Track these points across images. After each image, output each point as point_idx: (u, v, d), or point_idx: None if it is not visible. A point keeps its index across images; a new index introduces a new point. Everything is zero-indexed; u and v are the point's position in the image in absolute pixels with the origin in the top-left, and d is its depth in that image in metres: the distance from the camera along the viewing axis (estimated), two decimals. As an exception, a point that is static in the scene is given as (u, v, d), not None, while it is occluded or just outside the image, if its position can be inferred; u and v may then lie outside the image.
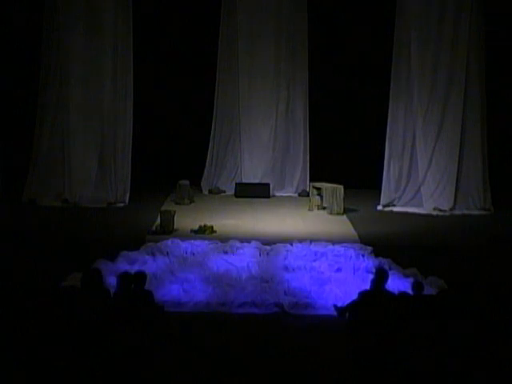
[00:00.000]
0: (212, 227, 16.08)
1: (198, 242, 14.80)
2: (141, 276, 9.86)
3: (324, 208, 18.45)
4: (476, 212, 18.67)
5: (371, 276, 10.38)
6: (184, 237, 15.32)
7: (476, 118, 18.74)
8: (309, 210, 18.66)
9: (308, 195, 19.33)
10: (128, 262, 13.68)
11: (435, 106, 18.73)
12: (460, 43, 18.49)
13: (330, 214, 18.14)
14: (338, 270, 13.64)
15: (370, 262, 13.84)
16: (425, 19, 18.51)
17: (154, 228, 16.02)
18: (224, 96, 20.69)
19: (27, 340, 8.66)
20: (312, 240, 15.09)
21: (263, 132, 20.75)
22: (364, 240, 15.44)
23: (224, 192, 20.63)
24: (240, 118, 20.69)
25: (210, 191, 20.72)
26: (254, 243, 14.83)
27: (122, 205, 18.88)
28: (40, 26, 18.84)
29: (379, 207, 18.90)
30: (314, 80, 20.50)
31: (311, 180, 20.13)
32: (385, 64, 19.16)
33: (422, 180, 18.89)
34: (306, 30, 20.30)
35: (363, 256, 14.19)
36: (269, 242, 14.98)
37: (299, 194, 20.62)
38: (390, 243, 15.31)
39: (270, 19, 20.33)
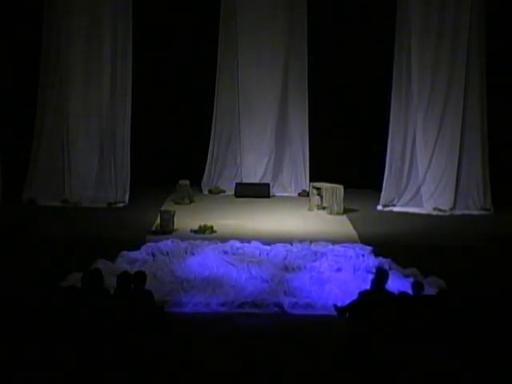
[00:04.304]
0: (212, 227, 16.08)
1: (197, 242, 14.81)
2: (141, 276, 9.87)
3: (324, 208, 18.45)
4: (476, 212, 18.67)
5: (371, 276, 10.39)
6: (184, 237, 15.33)
7: (476, 118, 18.73)
8: (309, 210, 18.65)
9: (308, 195, 19.33)
10: (128, 262, 13.68)
11: (435, 106, 18.72)
12: (460, 43, 18.47)
13: (330, 213, 18.13)
14: (338, 270, 13.63)
15: (370, 262, 13.84)
16: (425, 21, 18.51)
17: (153, 228, 16.02)
18: (224, 96, 20.68)
19: (27, 340, 8.66)
20: (312, 240, 15.10)
21: (263, 132, 20.75)
22: (364, 240, 15.44)
23: (224, 192, 20.63)
24: (240, 118, 20.69)
25: (210, 191, 20.71)
26: (253, 243, 14.83)
27: (121, 205, 18.87)
28: (40, 26, 18.84)
29: (379, 207, 18.89)
30: (314, 80, 20.49)
31: (311, 180, 20.12)
32: (385, 64, 19.17)
33: (422, 180, 18.88)
34: (306, 28, 20.27)
35: (363, 256, 14.19)
36: (269, 242, 14.98)
37: (299, 194, 20.61)
38: (390, 243, 15.30)
39: (270, 19, 20.32)
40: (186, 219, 16.88)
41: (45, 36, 18.85)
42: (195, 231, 15.90)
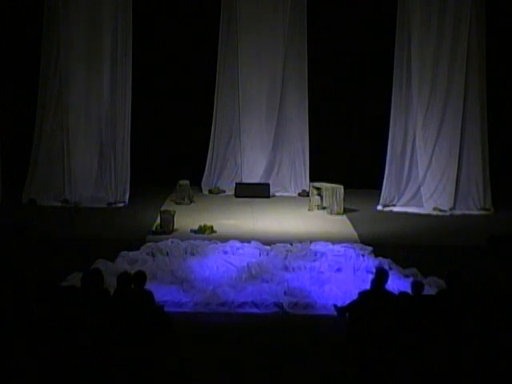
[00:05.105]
0: (212, 227, 16.08)
1: (197, 242, 14.81)
2: (141, 276, 9.87)
3: (324, 208, 18.45)
4: (476, 212, 18.67)
5: (371, 276, 10.39)
6: (184, 237, 15.33)
7: (476, 118, 18.73)
8: (309, 210, 18.65)
9: (308, 195, 19.33)
10: (128, 262, 13.69)
11: (435, 106, 18.73)
12: (460, 42, 18.47)
13: (330, 214, 18.13)
14: (338, 270, 13.64)
15: (369, 262, 13.85)
16: (425, 19, 18.51)
17: (153, 228, 16.02)
18: (224, 96, 20.68)
19: (27, 340, 8.65)
20: (312, 240, 15.10)
21: (263, 132, 20.74)
22: (364, 240, 15.45)
23: (224, 192, 20.62)
24: (240, 118, 20.68)
25: (210, 191, 20.71)
26: (253, 243, 14.83)
27: (121, 205, 18.87)
28: (40, 26, 18.85)
29: (379, 207, 18.89)
30: (314, 81, 20.48)
31: (311, 180, 20.11)
32: (386, 64, 19.17)
33: (422, 180, 18.89)
34: (305, 31, 20.26)
35: (363, 256, 14.20)
36: (269, 242, 14.98)
37: (299, 194, 20.60)
38: (390, 243, 15.31)
39: (270, 18, 20.31)
40: (186, 219, 16.89)
41: (45, 36, 18.85)
42: (195, 231, 15.90)
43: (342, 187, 18.36)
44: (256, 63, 20.49)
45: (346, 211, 18.21)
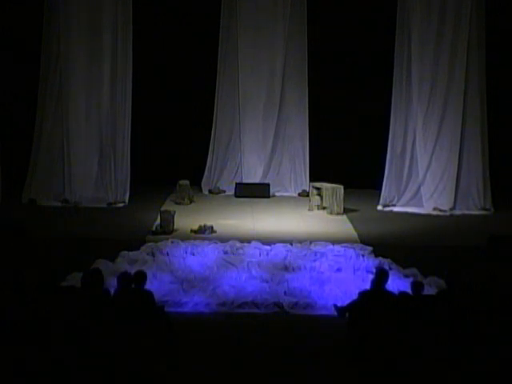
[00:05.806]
0: (212, 227, 16.08)
1: (197, 242, 14.81)
2: (141, 276, 9.89)
3: (324, 208, 18.45)
4: (476, 212, 18.67)
5: (371, 276, 10.41)
6: (184, 237, 15.33)
7: (476, 118, 18.73)
8: (309, 210, 18.65)
9: (308, 195, 19.33)
10: (128, 262, 13.69)
11: (435, 106, 18.72)
12: (460, 43, 18.47)
13: (330, 214, 18.13)
14: (338, 270, 13.64)
15: (369, 262, 13.85)
16: (425, 18, 18.52)
17: (154, 228, 16.02)
18: (224, 96, 20.67)
19: (26, 340, 8.66)
20: (312, 240, 15.10)
21: (263, 132, 20.73)
22: (364, 240, 15.45)
23: (224, 192, 20.62)
24: (240, 118, 20.67)
25: (210, 191, 20.71)
26: (253, 243, 14.83)
27: (121, 205, 18.87)
28: (40, 26, 18.85)
29: (379, 207, 18.89)
30: (314, 81, 20.48)
31: (311, 180, 20.11)
32: (385, 64, 19.16)
33: (422, 180, 18.89)
34: (305, 30, 20.27)
35: (363, 256, 14.20)
36: (269, 242, 14.98)
37: (299, 194, 20.60)
38: (390, 243, 15.31)
39: (270, 17, 20.31)
40: (186, 219, 16.89)
41: (45, 36, 18.86)
42: (195, 231, 15.90)
43: (341, 187, 18.36)
44: (256, 61, 20.45)
45: (346, 211, 18.21)
